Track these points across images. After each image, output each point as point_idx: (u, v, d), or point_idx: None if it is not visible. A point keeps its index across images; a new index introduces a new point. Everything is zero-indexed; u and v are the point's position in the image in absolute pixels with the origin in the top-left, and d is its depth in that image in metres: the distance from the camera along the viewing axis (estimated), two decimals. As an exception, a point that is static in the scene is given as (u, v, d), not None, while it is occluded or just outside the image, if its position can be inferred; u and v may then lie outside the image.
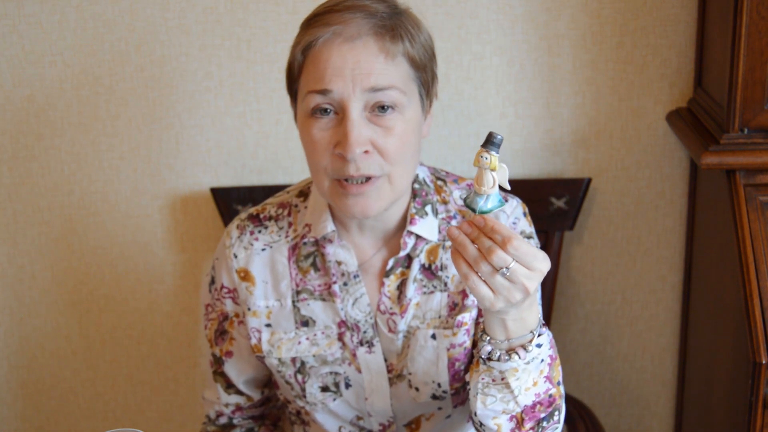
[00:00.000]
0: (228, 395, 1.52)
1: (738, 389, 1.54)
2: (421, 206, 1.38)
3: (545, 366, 1.21)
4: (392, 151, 1.27)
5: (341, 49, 1.24)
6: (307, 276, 1.40)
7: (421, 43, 1.30)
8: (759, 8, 1.48)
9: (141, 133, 1.87)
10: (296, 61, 1.29)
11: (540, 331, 1.20)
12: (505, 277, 1.11)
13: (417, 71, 1.29)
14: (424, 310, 1.39)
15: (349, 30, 1.24)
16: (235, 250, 1.43)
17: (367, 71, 1.24)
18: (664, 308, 1.95)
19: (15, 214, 1.93)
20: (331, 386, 1.42)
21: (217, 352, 1.50)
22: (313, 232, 1.39)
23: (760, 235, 1.53)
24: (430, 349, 1.39)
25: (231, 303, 1.46)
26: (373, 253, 1.40)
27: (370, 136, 1.26)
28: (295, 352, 1.41)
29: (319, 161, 1.28)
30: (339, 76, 1.24)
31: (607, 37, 1.78)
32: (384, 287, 1.39)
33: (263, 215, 1.44)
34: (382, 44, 1.25)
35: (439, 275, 1.39)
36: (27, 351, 2.03)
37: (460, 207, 1.41)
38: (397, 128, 1.27)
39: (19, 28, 1.81)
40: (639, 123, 1.83)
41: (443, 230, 1.39)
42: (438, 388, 1.41)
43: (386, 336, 1.40)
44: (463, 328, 1.38)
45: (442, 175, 1.45)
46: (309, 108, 1.27)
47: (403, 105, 1.27)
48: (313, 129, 1.27)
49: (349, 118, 1.24)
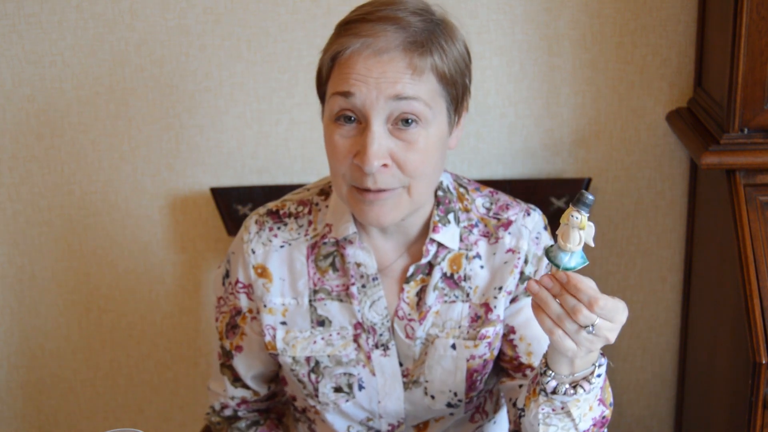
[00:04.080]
0: (234, 388, 1.52)
1: (738, 389, 1.54)
2: (444, 214, 1.38)
3: (599, 390, 1.23)
4: (412, 167, 1.25)
5: (368, 61, 1.23)
6: (326, 276, 1.40)
7: (454, 57, 1.28)
8: (759, 8, 1.48)
9: (141, 133, 1.87)
10: (325, 66, 1.29)
11: (600, 361, 1.22)
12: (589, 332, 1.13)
13: (446, 87, 1.27)
14: (444, 319, 1.39)
15: (379, 43, 1.23)
16: (253, 245, 1.42)
17: (393, 80, 1.22)
18: (664, 308, 1.95)
19: (15, 214, 1.93)
20: (345, 387, 1.42)
21: (227, 346, 1.49)
22: (334, 232, 1.38)
23: (760, 235, 1.53)
24: (449, 358, 1.39)
25: (245, 298, 1.45)
26: (394, 258, 1.40)
27: (390, 149, 1.24)
28: (310, 351, 1.41)
29: (338, 167, 1.28)
30: (364, 82, 1.22)
31: (607, 37, 1.78)
32: (403, 293, 1.39)
33: (283, 212, 1.43)
34: (410, 60, 1.23)
35: (462, 285, 1.38)
36: (27, 351, 2.03)
37: (482, 215, 1.41)
38: (420, 143, 1.25)
39: (19, 28, 1.81)
40: (639, 123, 1.83)
41: (465, 239, 1.39)
42: (454, 398, 1.41)
43: (403, 341, 1.40)
44: (485, 340, 1.38)
45: (464, 182, 1.44)
46: (333, 112, 1.26)
47: (427, 119, 1.25)
48: (335, 135, 1.27)
49: (370, 129, 1.23)
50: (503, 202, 1.42)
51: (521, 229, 1.39)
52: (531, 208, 1.42)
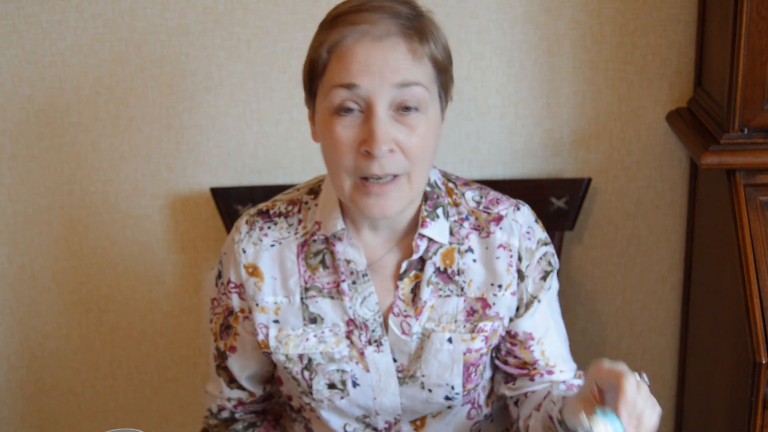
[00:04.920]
0: (230, 390, 1.52)
1: (738, 389, 1.54)
2: (432, 209, 1.38)
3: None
4: (415, 151, 1.27)
5: (371, 48, 1.24)
6: (316, 273, 1.40)
7: (442, 44, 1.31)
8: (759, 8, 1.48)
9: (141, 133, 1.87)
10: (320, 59, 1.28)
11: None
12: None
13: (439, 73, 1.30)
14: (439, 313, 1.39)
15: (377, 30, 1.24)
16: (243, 245, 1.43)
17: (395, 68, 1.24)
18: (664, 308, 1.95)
19: (15, 214, 1.93)
20: (338, 384, 1.42)
21: (221, 347, 1.50)
22: (323, 229, 1.39)
23: (760, 235, 1.53)
24: (445, 352, 1.39)
25: (237, 298, 1.46)
26: (383, 254, 1.40)
27: (394, 135, 1.26)
28: (303, 348, 1.41)
29: (341, 160, 1.28)
30: (366, 72, 1.23)
31: (607, 37, 1.78)
32: (398, 290, 1.39)
33: (273, 211, 1.44)
34: (410, 45, 1.25)
35: (455, 280, 1.39)
36: (27, 351, 2.03)
37: (473, 208, 1.41)
38: (421, 128, 1.27)
39: (19, 28, 1.81)
40: (639, 123, 1.83)
41: (456, 233, 1.39)
42: (451, 390, 1.42)
43: (399, 338, 1.40)
44: (482, 334, 1.39)
45: (452, 178, 1.45)
46: (333, 105, 1.26)
47: (426, 104, 1.27)
48: (336, 127, 1.27)
49: (376, 115, 1.24)
50: (493, 196, 1.43)
51: (512, 224, 1.40)
52: (520, 203, 1.43)
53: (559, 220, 1.82)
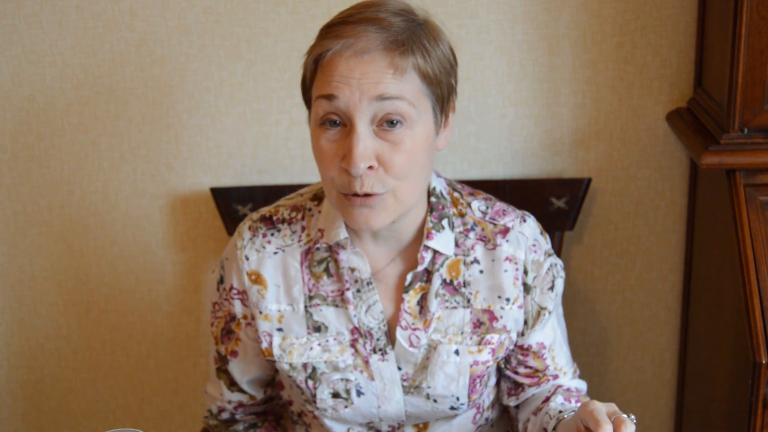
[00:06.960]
0: (231, 393, 1.52)
1: (738, 389, 1.54)
2: (438, 220, 1.37)
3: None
4: (398, 168, 1.25)
5: (349, 62, 1.22)
6: (320, 281, 1.40)
7: (437, 58, 1.27)
8: (759, 8, 1.48)
9: (141, 133, 1.87)
10: (308, 70, 1.29)
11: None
12: None
13: (430, 86, 1.27)
14: (445, 324, 1.39)
15: (360, 43, 1.23)
16: (246, 252, 1.42)
17: (375, 81, 1.22)
18: (664, 308, 1.95)
19: (15, 214, 1.93)
20: (342, 393, 1.41)
21: (222, 351, 1.49)
22: (326, 237, 1.38)
23: (760, 235, 1.53)
24: (452, 364, 1.39)
25: (239, 304, 1.45)
26: (386, 263, 1.40)
27: (376, 150, 1.24)
28: (307, 357, 1.40)
29: (326, 172, 1.28)
30: (346, 84, 1.22)
31: (607, 37, 1.78)
32: (404, 303, 1.38)
33: (276, 217, 1.43)
34: (390, 59, 1.23)
35: (461, 291, 1.39)
36: (27, 351, 2.03)
37: (479, 218, 1.41)
38: (405, 144, 1.25)
39: (19, 28, 1.81)
40: (639, 123, 1.83)
41: (461, 244, 1.39)
42: (457, 401, 1.42)
43: (407, 350, 1.39)
44: (489, 347, 1.39)
45: (458, 187, 1.44)
46: (318, 116, 1.27)
47: (412, 119, 1.25)
48: (321, 140, 1.27)
49: (355, 131, 1.23)
50: (499, 207, 1.42)
51: (518, 236, 1.39)
52: (526, 215, 1.43)
53: (559, 220, 1.82)
